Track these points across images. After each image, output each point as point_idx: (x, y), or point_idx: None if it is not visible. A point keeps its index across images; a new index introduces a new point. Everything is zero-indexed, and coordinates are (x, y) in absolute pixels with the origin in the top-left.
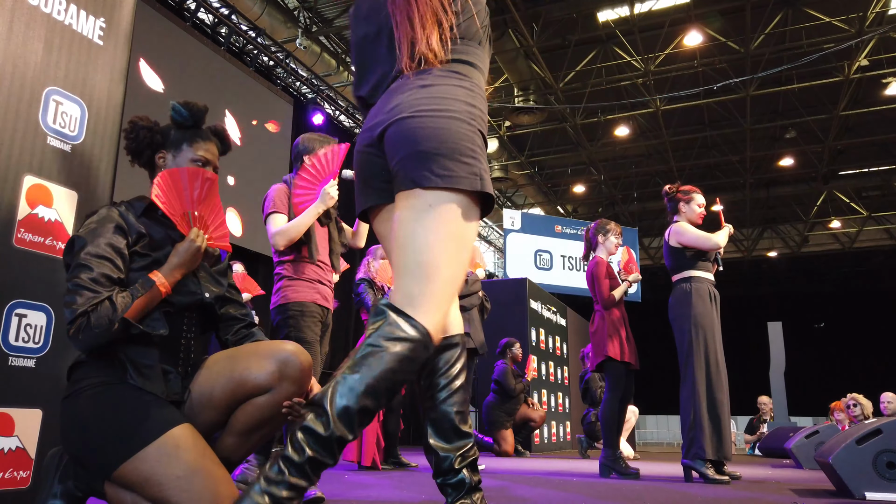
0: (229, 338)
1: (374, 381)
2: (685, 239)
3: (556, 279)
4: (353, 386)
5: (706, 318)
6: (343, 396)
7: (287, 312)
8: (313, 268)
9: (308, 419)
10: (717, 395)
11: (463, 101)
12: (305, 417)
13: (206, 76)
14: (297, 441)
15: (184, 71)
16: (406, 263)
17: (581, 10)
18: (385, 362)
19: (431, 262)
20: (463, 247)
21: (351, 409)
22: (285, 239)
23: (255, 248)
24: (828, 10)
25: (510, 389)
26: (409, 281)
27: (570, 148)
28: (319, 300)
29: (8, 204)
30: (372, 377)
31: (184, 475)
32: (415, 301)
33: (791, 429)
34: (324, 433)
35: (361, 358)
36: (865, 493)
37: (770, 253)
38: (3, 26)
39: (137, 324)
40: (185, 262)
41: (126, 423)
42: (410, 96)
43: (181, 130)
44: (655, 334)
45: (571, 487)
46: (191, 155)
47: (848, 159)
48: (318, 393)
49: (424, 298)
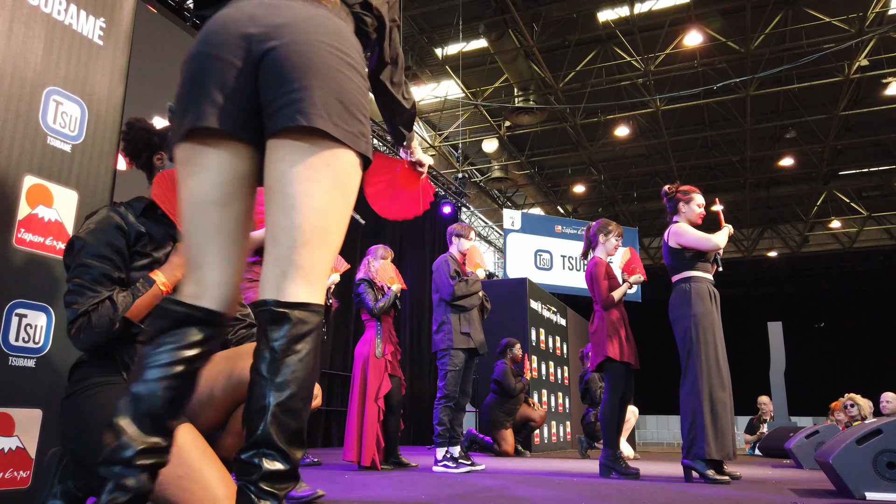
0: (230, 338)
1: (306, 390)
2: (684, 240)
3: (556, 279)
4: (292, 407)
5: (707, 317)
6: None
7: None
8: None
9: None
10: (719, 394)
11: (359, 53)
12: None
13: None
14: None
15: None
16: (299, 225)
17: (581, 10)
18: (307, 365)
19: (325, 228)
20: (349, 207)
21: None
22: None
23: None
24: (828, 10)
25: (510, 389)
26: (303, 250)
27: (570, 148)
28: None
29: (8, 204)
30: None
31: (184, 475)
32: (308, 272)
33: (791, 429)
34: (287, 468)
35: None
36: (865, 493)
37: (770, 253)
38: (3, 26)
39: (138, 323)
40: (184, 261)
41: None
42: (311, 21)
43: None
44: (655, 334)
45: (571, 487)
46: None
47: (848, 159)
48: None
49: (317, 269)
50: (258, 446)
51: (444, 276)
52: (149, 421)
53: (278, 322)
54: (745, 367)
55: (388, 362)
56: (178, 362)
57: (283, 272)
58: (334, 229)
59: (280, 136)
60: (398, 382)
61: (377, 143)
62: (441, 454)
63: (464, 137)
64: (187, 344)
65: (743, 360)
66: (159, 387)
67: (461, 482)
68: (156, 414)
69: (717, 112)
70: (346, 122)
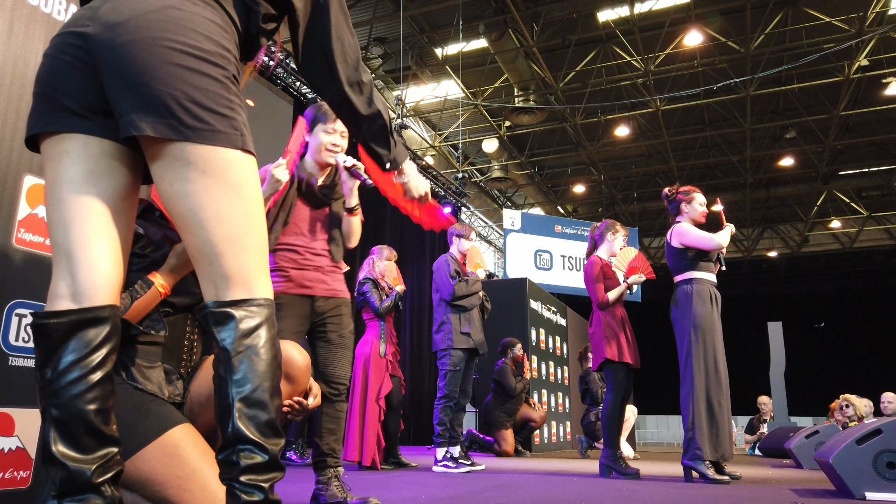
0: None
1: (268, 380)
2: (687, 239)
3: (556, 279)
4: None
5: (707, 319)
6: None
7: None
8: (284, 255)
9: (242, 458)
10: (716, 397)
11: (219, 43)
12: (306, 414)
13: None
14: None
15: None
16: (209, 240)
17: (581, 10)
18: (262, 356)
19: (238, 233)
20: (255, 202)
21: (268, 421)
22: None
23: None
24: (828, 10)
25: (510, 389)
26: (224, 260)
27: (570, 148)
28: (293, 289)
29: (8, 204)
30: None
31: (184, 475)
32: (240, 277)
33: (791, 429)
34: (266, 459)
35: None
36: (865, 493)
37: (770, 253)
38: (3, 26)
39: (137, 325)
40: (184, 262)
41: (126, 423)
42: (150, 15)
43: None
44: (655, 334)
45: (571, 487)
46: None
47: (848, 159)
48: (230, 434)
49: (248, 270)
50: (231, 444)
51: (444, 276)
52: (88, 439)
53: (222, 322)
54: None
55: (389, 362)
56: (89, 372)
57: (216, 285)
58: (245, 228)
59: (143, 145)
60: (398, 382)
61: None
62: (441, 454)
63: (464, 137)
64: (89, 350)
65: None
66: (82, 403)
67: (461, 482)
68: (92, 429)
69: (717, 112)
70: (202, 121)
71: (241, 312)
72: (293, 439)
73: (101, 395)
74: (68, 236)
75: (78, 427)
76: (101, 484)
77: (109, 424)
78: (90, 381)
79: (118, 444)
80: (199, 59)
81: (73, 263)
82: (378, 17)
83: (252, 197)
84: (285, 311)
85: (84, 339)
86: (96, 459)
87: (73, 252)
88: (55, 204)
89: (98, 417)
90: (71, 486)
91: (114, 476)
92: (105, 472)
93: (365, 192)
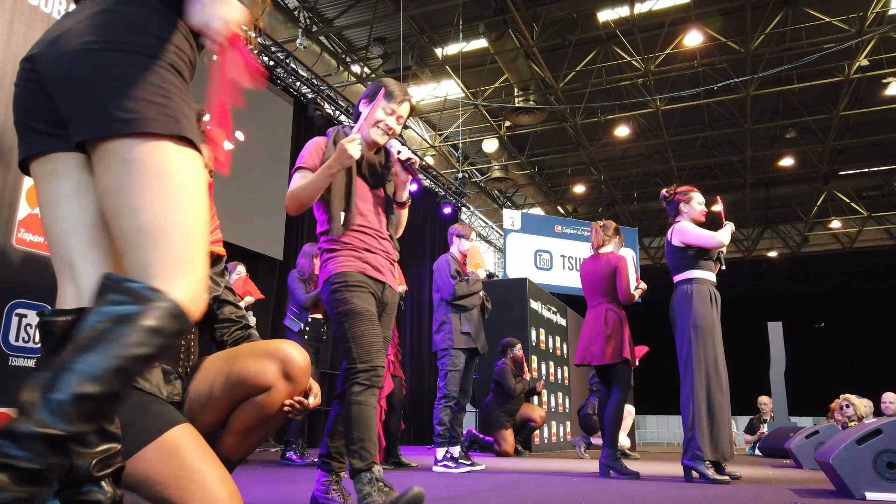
0: (226, 339)
1: (106, 362)
2: (688, 238)
3: (556, 279)
4: (83, 370)
5: (706, 319)
6: (63, 386)
7: (330, 287)
8: (356, 235)
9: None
10: (716, 397)
11: (149, 33)
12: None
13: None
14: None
15: None
16: (125, 232)
17: (581, 10)
18: (118, 339)
19: (153, 223)
20: (185, 192)
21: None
22: (293, 203)
23: (254, 247)
24: (828, 10)
25: (510, 389)
26: (137, 253)
27: (570, 148)
28: (369, 271)
29: (8, 204)
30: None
31: (184, 475)
32: (149, 270)
33: (791, 429)
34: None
35: (88, 339)
36: (865, 493)
37: (770, 253)
38: (4, 26)
39: None
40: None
41: (126, 423)
42: (77, 26)
43: None
44: (656, 334)
45: (571, 487)
46: None
47: (848, 159)
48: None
49: (161, 264)
50: None
51: (444, 276)
52: (90, 434)
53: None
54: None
55: (391, 362)
56: None
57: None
58: (165, 219)
59: (88, 149)
60: (399, 382)
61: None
62: (441, 454)
63: (464, 137)
64: None
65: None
66: None
67: (461, 482)
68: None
69: (717, 112)
70: (130, 111)
71: (119, 297)
72: (293, 439)
73: None
74: (68, 248)
75: None
76: (101, 478)
77: (112, 421)
78: None
79: (120, 441)
80: (125, 53)
81: (76, 273)
82: (378, 17)
83: (180, 186)
84: (364, 288)
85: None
86: (97, 454)
87: (75, 262)
88: (51, 220)
89: None
90: (72, 479)
91: (114, 472)
92: (105, 466)
93: None
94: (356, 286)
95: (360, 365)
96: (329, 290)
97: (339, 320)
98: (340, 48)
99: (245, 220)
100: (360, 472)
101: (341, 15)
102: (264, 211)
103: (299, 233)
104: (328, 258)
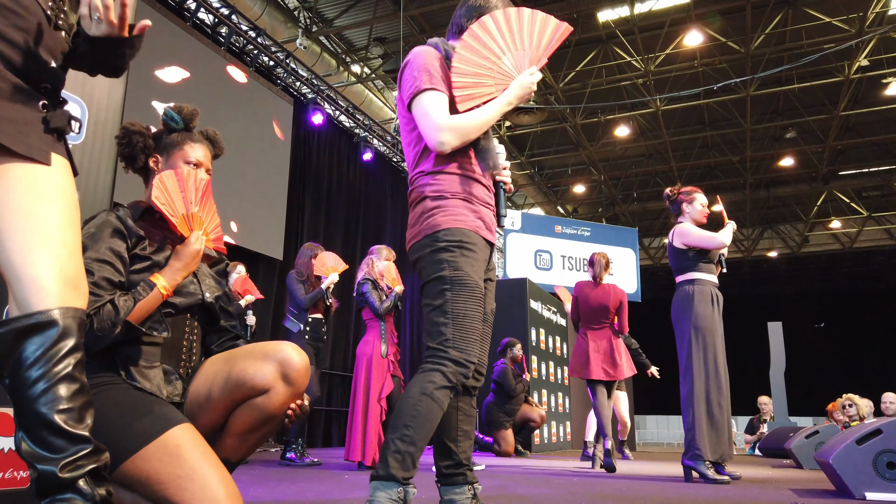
0: (214, 347)
1: None
2: (690, 239)
3: (556, 279)
4: None
5: (707, 320)
6: None
7: (438, 244)
8: (480, 186)
9: None
10: (716, 397)
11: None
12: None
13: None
14: None
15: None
16: None
17: (581, 10)
18: None
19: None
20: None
21: None
22: (461, 138)
23: (255, 247)
24: (828, 10)
25: (510, 389)
26: None
27: (570, 148)
28: (482, 231)
29: None
30: None
31: (185, 474)
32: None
33: (791, 429)
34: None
35: None
36: (865, 493)
37: (770, 253)
38: None
39: (139, 326)
40: (186, 264)
41: (127, 423)
42: None
43: (173, 134)
44: (656, 334)
45: (571, 487)
46: (184, 158)
47: (848, 159)
48: None
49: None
50: None
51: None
52: (56, 439)
53: None
54: (745, 368)
55: (391, 362)
56: (46, 375)
57: None
58: None
59: None
60: (399, 383)
61: (377, 143)
62: None
63: None
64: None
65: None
66: (43, 406)
67: None
68: (57, 430)
69: (717, 112)
70: None
71: None
72: (293, 439)
73: (66, 396)
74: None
75: (42, 429)
76: (74, 481)
77: (81, 422)
78: (49, 382)
79: (90, 441)
80: None
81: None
82: (378, 17)
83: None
84: (479, 255)
85: (34, 343)
86: (64, 458)
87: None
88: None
89: (62, 417)
90: (45, 486)
91: (91, 472)
92: (75, 469)
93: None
94: (472, 251)
95: (453, 352)
96: (435, 248)
97: (439, 286)
98: (340, 48)
99: (245, 220)
100: (394, 481)
101: (341, 15)
102: (264, 211)
103: (299, 233)
104: (434, 208)
